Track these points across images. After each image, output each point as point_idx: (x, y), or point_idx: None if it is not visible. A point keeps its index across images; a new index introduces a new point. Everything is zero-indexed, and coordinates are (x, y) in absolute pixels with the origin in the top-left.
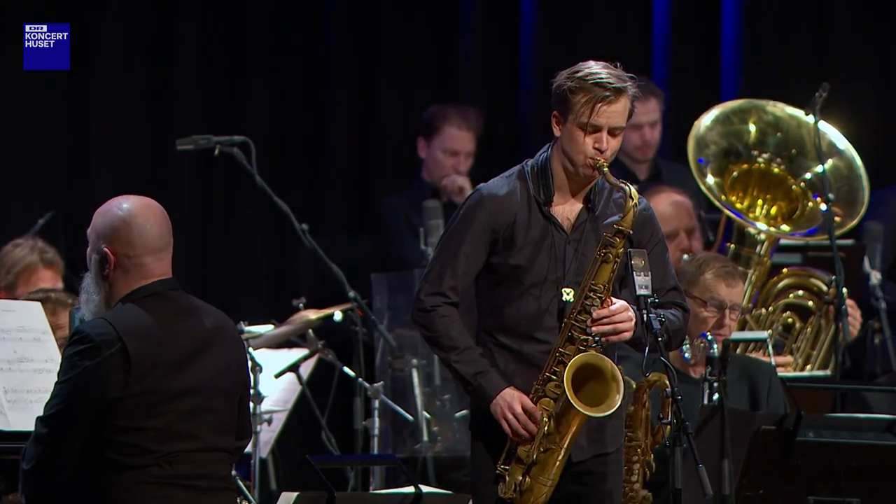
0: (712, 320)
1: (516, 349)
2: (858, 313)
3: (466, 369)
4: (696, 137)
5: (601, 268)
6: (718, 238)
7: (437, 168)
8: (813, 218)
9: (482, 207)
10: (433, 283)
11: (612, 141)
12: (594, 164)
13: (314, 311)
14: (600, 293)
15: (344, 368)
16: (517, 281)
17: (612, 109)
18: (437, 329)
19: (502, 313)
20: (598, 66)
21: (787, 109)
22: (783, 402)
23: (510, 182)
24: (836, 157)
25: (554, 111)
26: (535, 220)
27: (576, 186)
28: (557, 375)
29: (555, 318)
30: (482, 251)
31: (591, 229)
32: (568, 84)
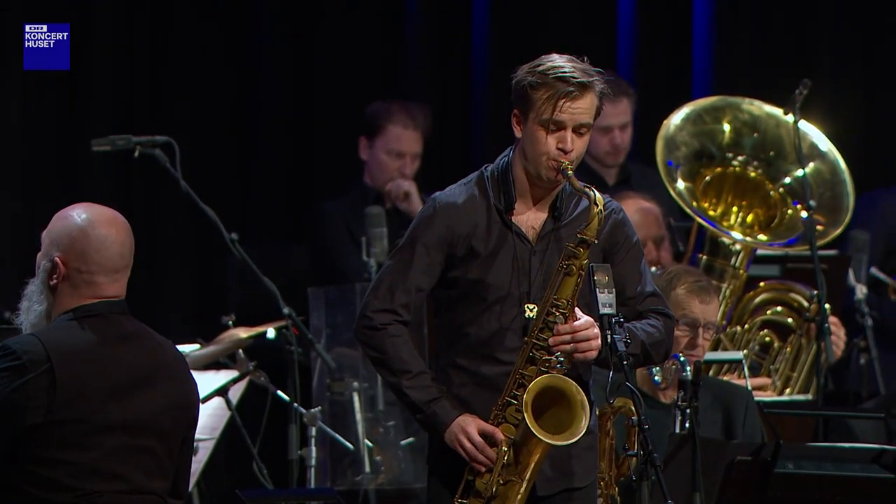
0: (684, 340)
1: (476, 372)
2: (842, 331)
3: (419, 396)
4: (664, 138)
5: (564, 281)
6: (689, 248)
7: (381, 171)
8: (793, 226)
9: (438, 217)
10: (384, 299)
11: (578, 141)
12: (558, 166)
13: (244, 328)
14: (563, 309)
15: (277, 392)
16: (478, 297)
17: (576, 106)
18: (387, 350)
19: (462, 333)
20: (562, 60)
21: (765, 108)
22: (760, 429)
23: (468, 189)
24: (817, 159)
25: (514, 109)
26: (496, 230)
27: (540, 193)
28: (518, 399)
29: (518, 337)
30: (438, 265)
31: (557, 239)
32: (528, 79)
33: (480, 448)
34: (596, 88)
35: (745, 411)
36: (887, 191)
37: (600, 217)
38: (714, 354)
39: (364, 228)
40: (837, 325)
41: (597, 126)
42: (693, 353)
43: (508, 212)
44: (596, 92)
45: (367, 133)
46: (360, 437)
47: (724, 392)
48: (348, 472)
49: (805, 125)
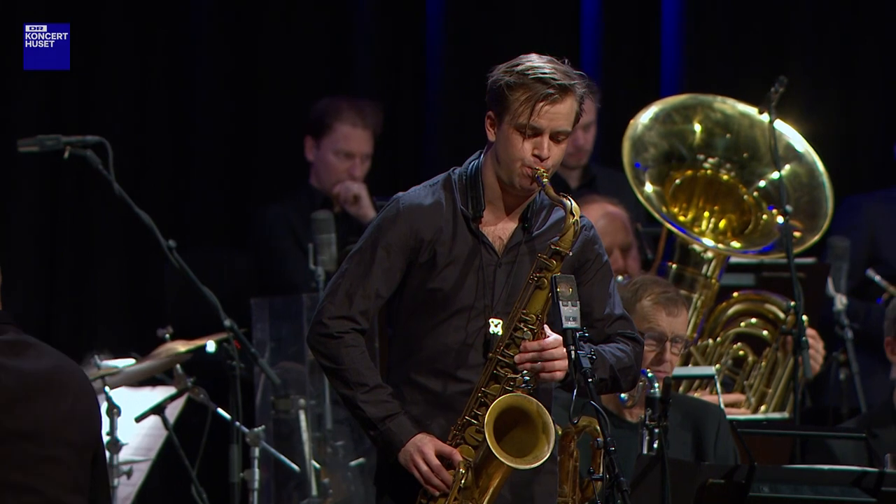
0: (651, 355)
1: (434, 390)
2: (821, 345)
3: (375, 411)
4: (632, 139)
5: (534, 295)
6: (658, 256)
7: (329, 173)
8: (768, 233)
9: (402, 219)
10: (341, 305)
11: (555, 148)
12: (532, 173)
13: (183, 342)
14: (532, 324)
15: (218, 410)
16: (438, 308)
17: (555, 110)
18: (343, 361)
19: (419, 346)
20: (542, 61)
21: (739, 107)
22: (733, 450)
23: (434, 192)
24: (794, 161)
25: (489, 111)
26: (461, 237)
27: (511, 201)
28: (479, 419)
29: (480, 354)
30: (398, 270)
31: (526, 252)
32: (505, 79)
33: (436, 471)
34: (577, 93)
35: (718, 431)
36: (869, 195)
37: (576, 228)
38: (684, 370)
39: (311, 234)
40: (815, 337)
41: None
42: (660, 369)
43: (476, 220)
44: (576, 96)
45: (313, 132)
46: (306, 458)
47: (694, 410)
48: (294, 495)
49: (781, 125)
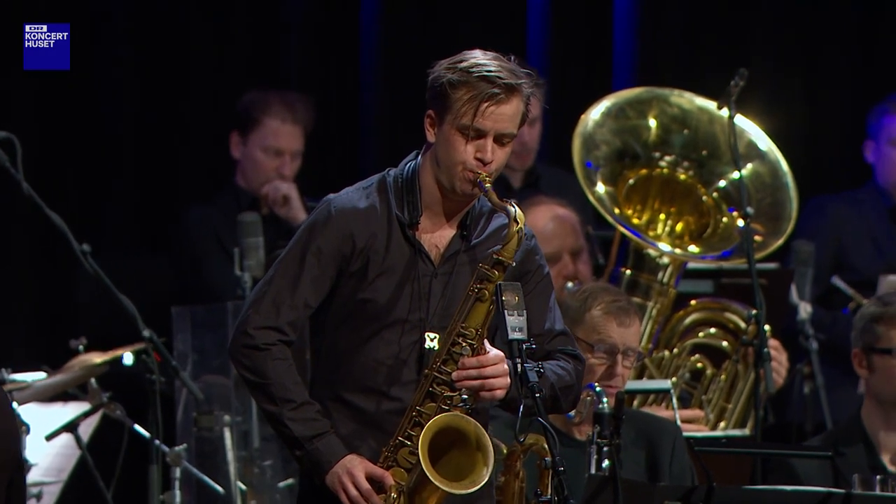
0: (601, 368)
1: (363, 408)
2: (784, 356)
3: (302, 430)
4: (582, 136)
5: (474, 307)
6: (611, 262)
7: (256, 171)
8: (728, 237)
9: (334, 223)
10: (267, 315)
11: (499, 151)
12: (474, 178)
13: (98, 354)
14: (471, 339)
15: (136, 427)
16: (369, 321)
17: (500, 111)
18: (269, 375)
19: (348, 361)
20: (487, 58)
21: (697, 101)
22: (690, 469)
23: (368, 195)
24: (756, 160)
25: (429, 110)
26: (396, 245)
27: (450, 207)
28: (413, 440)
29: (413, 371)
30: (328, 279)
31: (465, 261)
32: (448, 76)
33: (366, 495)
34: (524, 92)
35: (673, 449)
36: (835, 196)
37: (520, 237)
38: (638, 383)
39: (237, 238)
40: (778, 349)
41: None
42: (611, 384)
43: (413, 226)
44: (523, 96)
45: (239, 128)
46: (231, 479)
47: (648, 427)
48: None
49: (742, 121)
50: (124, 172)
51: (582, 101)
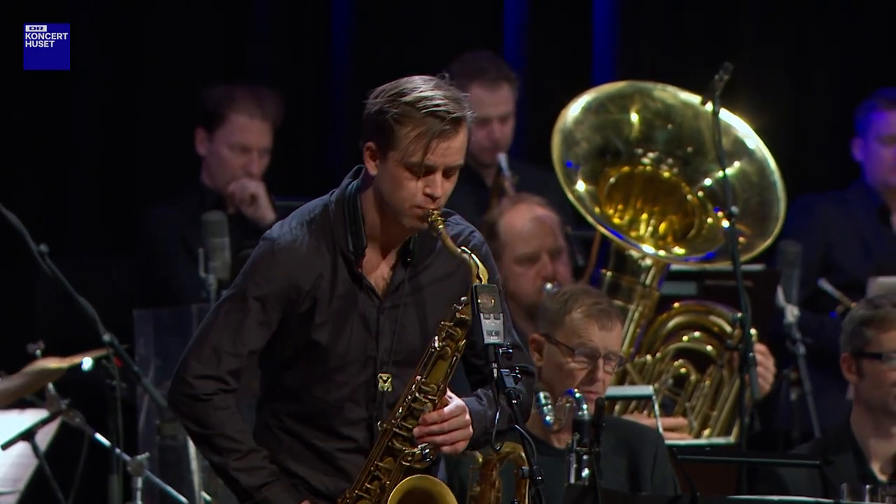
0: (581, 373)
1: (314, 444)
2: (771, 361)
3: (250, 479)
4: (561, 132)
5: (436, 365)
6: (591, 263)
7: (222, 169)
8: (713, 237)
9: (277, 267)
10: (208, 363)
11: (447, 183)
12: (424, 214)
13: (55, 359)
14: (432, 395)
15: (96, 436)
16: (317, 362)
17: (450, 146)
18: (212, 425)
19: (297, 399)
20: (429, 87)
21: (681, 95)
22: (672, 479)
23: (312, 232)
24: (743, 158)
25: (369, 142)
26: (342, 282)
27: (393, 237)
28: (371, 494)
29: (363, 409)
30: (274, 322)
31: (413, 291)
32: (392, 112)
33: None
34: (468, 120)
35: (655, 457)
36: (823, 196)
37: None
38: (618, 389)
39: (201, 238)
40: (765, 353)
41: (474, 118)
42: (592, 389)
43: (358, 260)
44: (468, 124)
45: (205, 124)
46: (195, 489)
47: (629, 434)
48: None
49: (729, 117)
50: (84, 169)
51: (561, 95)
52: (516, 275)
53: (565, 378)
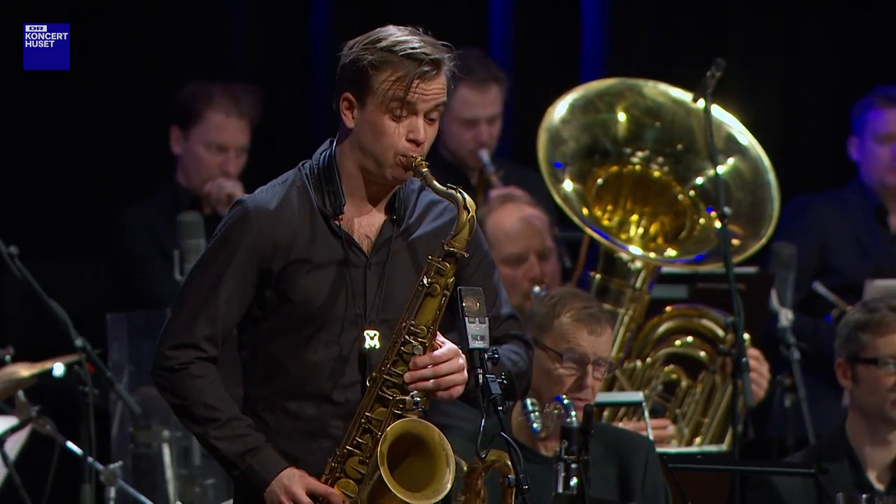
0: (570, 379)
1: (305, 415)
2: (765, 367)
3: (232, 447)
4: (548, 131)
5: (425, 303)
6: (579, 265)
7: (198, 168)
8: (705, 239)
9: (250, 225)
10: (182, 332)
11: (429, 129)
12: (408, 162)
13: (26, 365)
14: (422, 337)
15: (67, 444)
16: (301, 323)
17: (431, 88)
18: (190, 395)
19: (283, 368)
20: (404, 33)
21: (672, 92)
22: (664, 488)
23: (284, 190)
24: (736, 156)
25: (345, 93)
26: (321, 239)
27: (376, 192)
28: (363, 448)
29: (355, 370)
30: (250, 286)
31: (400, 248)
32: (368, 58)
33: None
34: (447, 65)
35: (646, 466)
36: (818, 196)
37: (471, 225)
38: (608, 396)
39: (177, 240)
40: (758, 359)
41: (460, 118)
42: (580, 396)
43: (336, 217)
44: (447, 69)
45: (180, 122)
46: (170, 498)
47: (619, 442)
48: None
49: (722, 114)
50: (55, 169)
51: (547, 93)
52: (502, 276)
53: (553, 384)
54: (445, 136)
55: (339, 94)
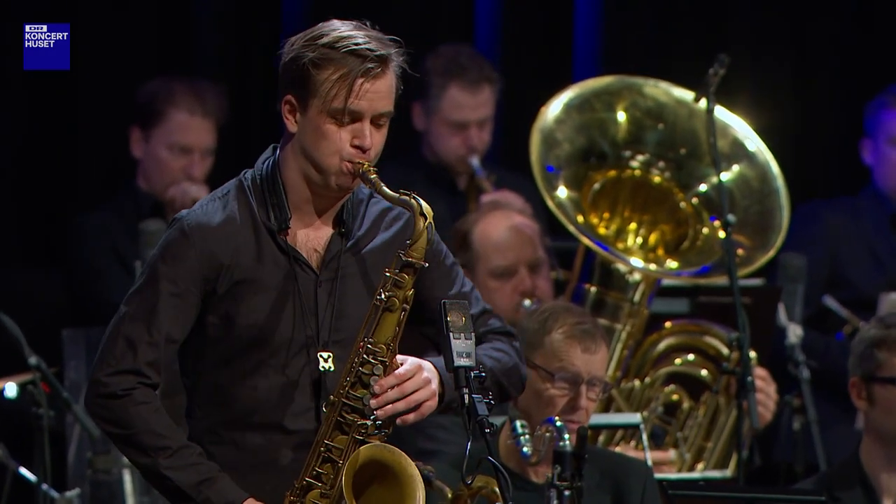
0: (562, 400)
1: (255, 447)
2: (772, 387)
3: (185, 478)
4: (541, 132)
5: (383, 319)
6: (573, 277)
7: (161, 172)
8: (708, 249)
9: (189, 244)
10: (122, 357)
11: (377, 134)
12: (354, 169)
13: None
14: (382, 356)
15: (20, 470)
16: (249, 348)
17: (376, 88)
18: (133, 423)
19: (230, 397)
20: (349, 28)
21: (674, 92)
22: None
23: (226, 204)
24: (743, 161)
25: (287, 95)
26: (267, 256)
27: (322, 203)
28: (324, 479)
29: (310, 396)
30: (193, 307)
31: (349, 262)
32: (309, 56)
33: None
34: (395, 62)
35: (644, 492)
36: (829, 203)
37: (429, 232)
38: (604, 417)
39: (137, 249)
40: (765, 378)
41: (449, 120)
42: (573, 418)
43: (282, 231)
44: (395, 68)
45: (140, 122)
46: None
47: (615, 467)
48: None
49: (727, 116)
50: (5, 174)
51: (538, 90)
52: (491, 290)
53: (545, 406)
54: (432, 138)
55: (281, 95)
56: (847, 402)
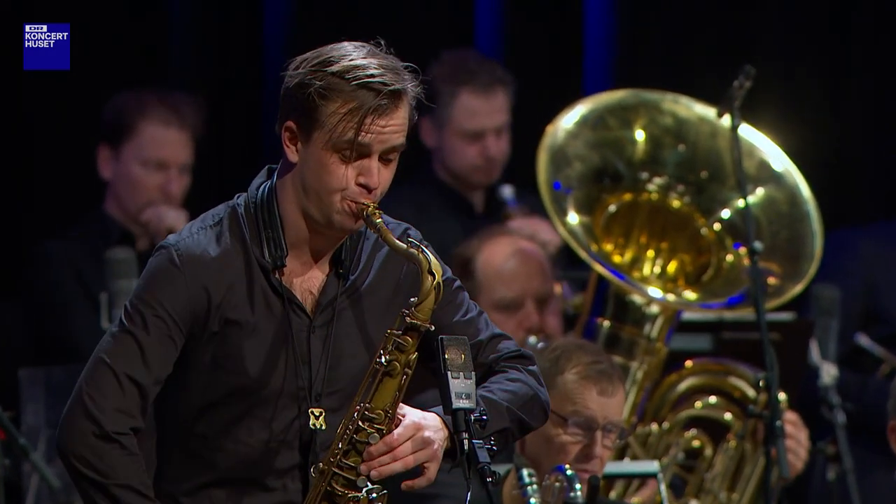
0: (576, 447)
1: None
2: (804, 434)
3: None
4: (550, 150)
5: (383, 383)
6: (585, 310)
7: (134, 192)
8: (733, 280)
9: (180, 277)
10: (115, 395)
11: (385, 172)
12: (358, 209)
13: None
14: (379, 423)
15: None
16: (235, 397)
17: (388, 125)
18: (116, 474)
19: (210, 450)
20: (362, 55)
21: (696, 108)
22: None
23: (219, 236)
24: (770, 184)
25: (288, 122)
26: (259, 296)
27: (321, 242)
28: None
29: (297, 453)
30: (177, 347)
31: (345, 307)
32: (316, 84)
33: None
34: (410, 95)
35: None
36: (865, 229)
37: (437, 292)
38: (619, 465)
39: (104, 280)
40: (796, 423)
41: (462, 130)
42: (587, 468)
43: (278, 269)
44: (410, 99)
45: (109, 139)
46: None
47: None
48: None
49: (752, 133)
50: None
51: (546, 104)
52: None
53: (556, 453)
54: (445, 152)
55: (281, 120)
56: (886, 449)
